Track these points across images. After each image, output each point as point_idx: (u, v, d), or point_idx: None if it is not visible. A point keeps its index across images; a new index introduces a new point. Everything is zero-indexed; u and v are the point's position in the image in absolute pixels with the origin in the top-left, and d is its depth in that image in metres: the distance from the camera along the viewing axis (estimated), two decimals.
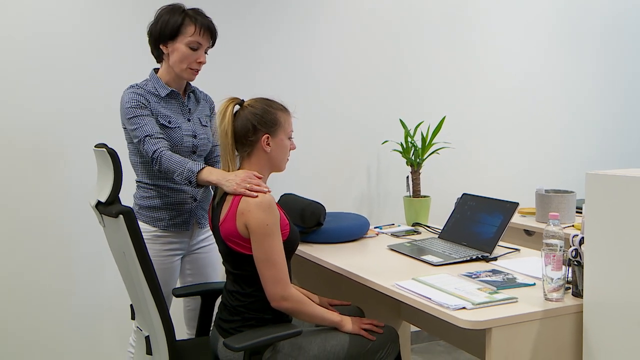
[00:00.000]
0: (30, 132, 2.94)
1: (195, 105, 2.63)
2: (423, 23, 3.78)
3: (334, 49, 3.56)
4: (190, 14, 2.47)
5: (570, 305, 2.00)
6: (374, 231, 3.20)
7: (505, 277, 2.27)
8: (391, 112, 3.74)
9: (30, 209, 2.98)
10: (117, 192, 2.08)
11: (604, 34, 4.41)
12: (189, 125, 2.54)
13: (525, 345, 1.95)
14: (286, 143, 2.28)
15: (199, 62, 2.49)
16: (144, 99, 2.43)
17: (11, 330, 2.98)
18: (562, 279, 2.01)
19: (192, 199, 2.56)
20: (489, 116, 4.04)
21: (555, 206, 3.29)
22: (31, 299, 3.01)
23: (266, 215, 2.08)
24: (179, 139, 2.48)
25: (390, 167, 3.77)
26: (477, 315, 1.89)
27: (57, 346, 3.07)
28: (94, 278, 3.11)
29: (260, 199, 2.08)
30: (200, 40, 2.46)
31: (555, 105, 4.27)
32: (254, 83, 3.36)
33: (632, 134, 4.60)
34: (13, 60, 2.91)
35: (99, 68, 3.04)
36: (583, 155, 4.41)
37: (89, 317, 3.12)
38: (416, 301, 2.07)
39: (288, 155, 2.32)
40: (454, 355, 3.72)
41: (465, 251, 2.65)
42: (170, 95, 2.51)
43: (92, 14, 3.02)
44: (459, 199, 3.02)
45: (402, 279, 2.29)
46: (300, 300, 2.13)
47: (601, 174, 1.87)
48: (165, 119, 2.47)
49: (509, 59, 4.07)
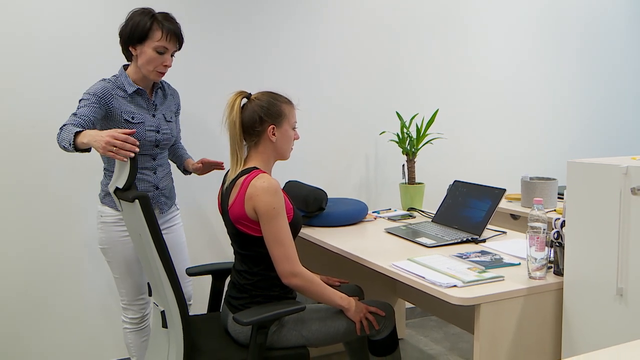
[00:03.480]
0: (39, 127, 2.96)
1: (162, 101, 2.60)
2: (418, 23, 3.77)
3: (336, 47, 3.56)
4: (158, 19, 2.42)
5: (551, 283, 2.01)
6: (372, 215, 3.21)
7: (493, 258, 2.28)
8: (388, 105, 3.74)
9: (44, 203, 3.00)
10: (132, 179, 2.09)
11: (583, 32, 4.39)
12: (153, 120, 2.51)
13: (511, 319, 1.96)
14: (290, 133, 2.29)
15: (164, 65, 2.46)
16: (108, 94, 2.39)
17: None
18: (545, 259, 2.02)
19: (153, 187, 2.54)
20: (479, 109, 4.05)
21: (539, 192, 3.30)
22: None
23: (273, 199, 2.09)
24: (141, 133, 2.45)
25: (387, 156, 3.77)
26: (467, 293, 1.90)
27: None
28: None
29: (268, 185, 2.09)
30: (166, 45, 2.42)
31: (539, 99, 4.27)
32: (261, 78, 3.36)
33: (608, 126, 4.60)
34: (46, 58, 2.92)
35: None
36: (564, 145, 4.41)
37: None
38: (411, 280, 2.08)
39: (292, 145, 2.32)
40: (445, 329, 3.74)
41: (456, 234, 2.66)
42: (137, 92, 2.48)
43: (115, 13, 3.02)
44: (451, 186, 3.03)
45: (398, 259, 2.30)
46: (311, 279, 2.14)
47: (580, 162, 1.88)
48: (129, 114, 2.44)
49: (496, 56, 4.06)
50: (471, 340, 3.54)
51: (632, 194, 1.72)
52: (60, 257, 3.01)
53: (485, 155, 4.10)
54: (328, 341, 2.23)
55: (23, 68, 2.87)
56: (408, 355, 3.34)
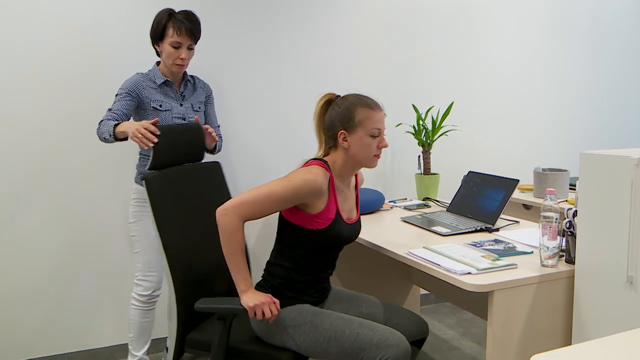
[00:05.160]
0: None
1: (191, 92, 2.76)
2: (432, 22, 3.76)
3: (355, 45, 3.56)
4: (173, 17, 2.57)
5: (563, 271, 2.00)
6: (388, 205, 3.22)
7: (506, 246, 2.27)
8: (405, 99, 3.74)
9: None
10: (154, 162, 2.16)
11: (592, 28, 4.34)
12: (180, 109, 2.68)
13: (523, 306, 1.96)
14: (366, 140, 2.01)
15: (181, 59, 2.60)
16: (139, 86, 2.59)
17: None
18: (557, 247, 2.02)
19: None
20: (493, 102, 4.03)
21: (551, 183, 3.27)
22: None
23: (296, 172, 1.95)
24: (168, 119, 2.64)
25: (403, 148, 3.77)
26: (481, 280, 1.90)
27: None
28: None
29: (306, 168, 1.96)
30: (179, 40, 2.57)
31: (549, 93, 4.24)
32: (279, 77, 3.38)
33: (617, 120, 4.56)
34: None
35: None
36: (574, 138, 4.38)
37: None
38: (427, 267, 2.07)
39: (375, 152, 2.04)
40: (459, 315, 3.74)
41: (470, 223, 2.65)
42: (165, 83, 2.66)
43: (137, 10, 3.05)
44: (465, 176, 3.02)
45: (414, 247, 2.30)
46: (231, 232, 1.86)
47: (593, 153, 1.86)
48: (157, 103, 2.62)
49: (507, 52, 4.03)
50: (483, 326, 3.54)
51: None
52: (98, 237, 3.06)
53: (499, 147, 4.08)
54: (317, 351, 1.95)
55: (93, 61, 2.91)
56: None
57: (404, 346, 1.89)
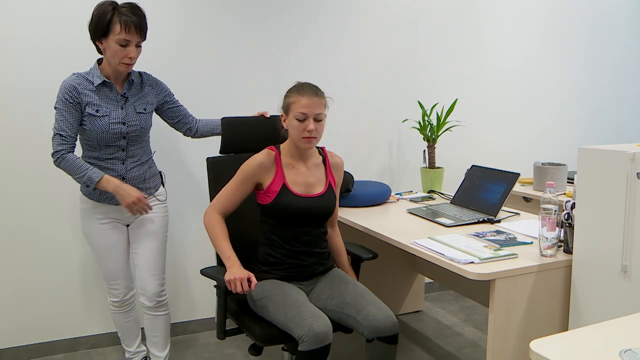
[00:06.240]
0: None
1: (136, 93, 2.44)
2: (436, 20, 3.76)
3: (361, 43, 3.55)
4: (118, 11, 2.25)
5: (561, 260, 2.02)
6: (395, 197, 3.22)
7: (507, 237, 2.29)
8: (410, 95, 3.75)
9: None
10: None
11: (592, 24, 4.33)
12: (120, 112, 2.36)
13: (523, 293, 1.98)
14: (293, 123, 2.13)
15: (129, 57, 2.29)
16: (75, 92, 2.28)
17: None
18: (556, 238, 2.03)
19: (120, 177, 2.40)
20: (495, 98, 4.03)
21: (550, 177, 3.27)
22: None
23: (244, 164, 2.19)
24: (105, 126, 2.32)
25: (409, 142, 3.78)
26: (483, 269, 1.92)
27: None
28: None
29: (254, 155, 2.19)
30: (128, 38, 2.25)
31: (549, 89, 4.23)
32: (286, 73, 3.38)
33: (615, 115, 4.55)
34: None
35: None
36: (573, 133, 4.37)
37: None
38: (431, 256, 2.09)
39: (303, 135, 2.12)
40: (461, 302, 3.77)
41: (473, 214, 2.66)
42: (104, 84, 2.34)
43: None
44: (469, 170, 3.03)
45: (419, 237, 2.31)
46: (210, 225, 2.16)
47: (590, 148, 1.87)
48: (94, 107, 2.31)
49: (509, 49, 4.03)
50: (485, 313, 3.57)
51: (638, 178, 1.73)
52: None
53: (501, 142, 4.09)
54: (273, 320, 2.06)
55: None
56: (426, 326, 3.39)
57: (317, 330, 1.91)
